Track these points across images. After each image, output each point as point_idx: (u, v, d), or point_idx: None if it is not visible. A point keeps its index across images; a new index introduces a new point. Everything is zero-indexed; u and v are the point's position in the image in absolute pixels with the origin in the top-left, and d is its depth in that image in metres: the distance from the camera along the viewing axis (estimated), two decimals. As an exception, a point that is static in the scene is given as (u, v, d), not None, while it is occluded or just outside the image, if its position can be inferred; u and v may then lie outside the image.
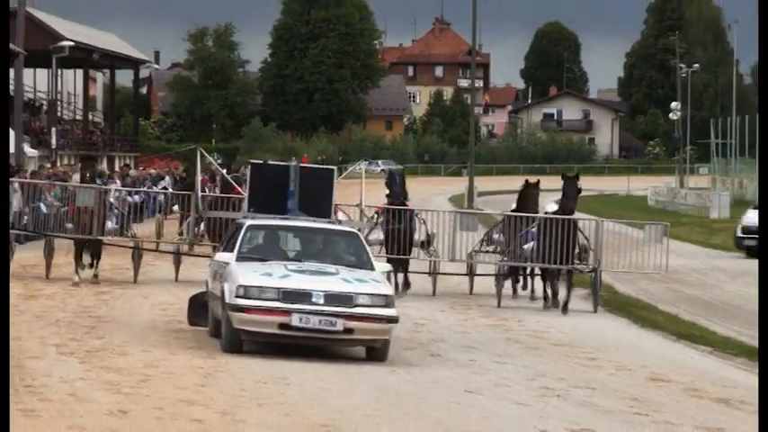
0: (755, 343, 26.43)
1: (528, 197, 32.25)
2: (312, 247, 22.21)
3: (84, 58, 77.21)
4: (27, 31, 57.17)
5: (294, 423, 14.77)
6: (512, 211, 33.40)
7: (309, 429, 14.51)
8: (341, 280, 20.18)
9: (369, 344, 20.27)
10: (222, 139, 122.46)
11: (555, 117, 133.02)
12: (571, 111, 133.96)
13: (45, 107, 74.46)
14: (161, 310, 25.83)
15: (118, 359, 18.96)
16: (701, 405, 17.80)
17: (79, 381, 16.81)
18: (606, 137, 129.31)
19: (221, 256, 21.41)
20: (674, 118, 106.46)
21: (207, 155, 31.42)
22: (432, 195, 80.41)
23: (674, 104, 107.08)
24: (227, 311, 19.70)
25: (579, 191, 31.38)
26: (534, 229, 30.78)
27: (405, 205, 32.84)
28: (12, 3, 58.49)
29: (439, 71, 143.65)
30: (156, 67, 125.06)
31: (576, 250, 30.67)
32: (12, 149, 51.24)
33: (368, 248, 22.66)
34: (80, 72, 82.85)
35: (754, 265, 36.64)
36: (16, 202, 36.63)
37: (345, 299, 19.77)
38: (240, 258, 20.80)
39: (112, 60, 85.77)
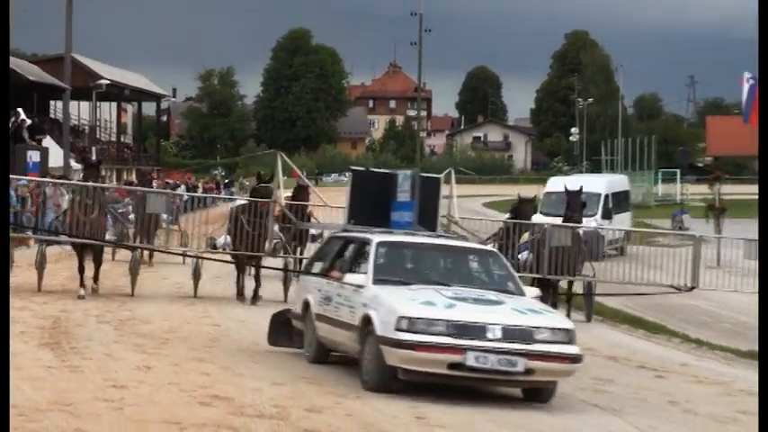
0: (637, 313, 26.33)
1: (521, 212, 26.11)
2: (454, 269, 15.57)
3: (117, 93, 76.89)
4: (72, 72, 56.80)
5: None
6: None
7: None
8: (512, 311, 13.81)
9: (545, 385, 13.91)
10: (224, 157, 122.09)
11: (482, 139, 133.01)
12: (494, 134, 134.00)
13: (87, 131, 74.09)
14: (177, 288, 25.49)
15: (143, 326, 18.84)
16: (594, 361, 17.62)
17: (113, 343, 16.73)
18: (521, 154, 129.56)
19: (352, 278, 14.60)
20: (574, 140, 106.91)
21: (287, 159, 25.48)
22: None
23: (573, 130, 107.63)
24: (379, 345, 13.38)
25: (583, 205, 26.33)
26: (525, 240, 25.10)
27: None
28: (60, 49, 58.10)
29: (392, 104, 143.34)
30: (174, 100, 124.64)
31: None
32: (61, 163, 50.77)
33: (513, 270, 16.20)
34: (114, 104, 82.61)
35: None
36: (65, 204, 36.18)
37: (525, 334, 13.42)
38: (378, 281, 14.37)
39: (140, 95, 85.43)
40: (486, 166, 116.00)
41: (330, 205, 26.68)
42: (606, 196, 43.35)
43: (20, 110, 48.02)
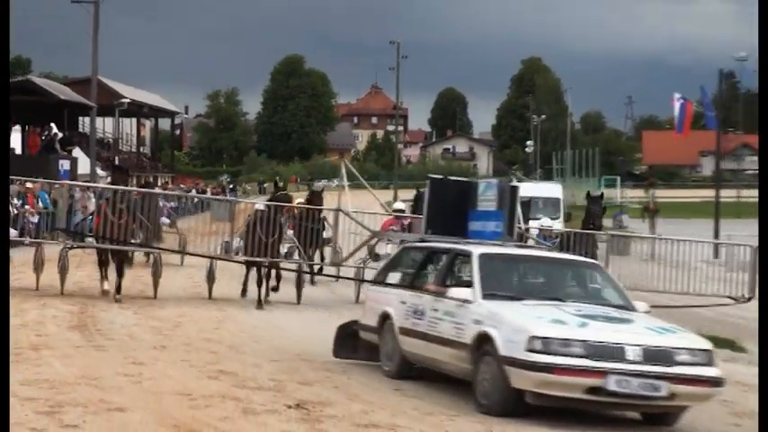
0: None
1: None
2: (560, 283, 12.87)
3: (137, 110, 76.64)
4: (98, 92, 56.71)
5: None
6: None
7: None
8: (646, 330, 11.29)
9: (680, 410, 11.40)
10: (230, 165, 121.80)
11: (450, 150, 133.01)
12: (461, 146, 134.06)
13: (110, 143, 73.83)
14: (188, 278, 25.14)
15: (160, 311, 18.74)
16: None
17: (133, 326, 16.65)
18: (484, 163, 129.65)
19: (457, 291, 12.03)
20: (529, 151, 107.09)
21: (350, 166, 23.66)
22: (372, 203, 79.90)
23: (528, 142, 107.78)
24: (503, 367, 10.92)
25: (604, 210, 23.79)
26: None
27: None
28: (87, 72, 58.00)
29: (374, 120, 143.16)
30: (186, 116, 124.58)
31: None
32: (88, 171, 50.62)
33: (618, 282, 13.50)
34: (134, 120, 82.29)
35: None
36: (92, 206, 35.99)
37: (666, 356, 10.86)
38: (487, 296, 11.82)
39: (156, 112, 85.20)
40: (455, 173, 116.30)
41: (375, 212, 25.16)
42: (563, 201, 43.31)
43: (53, 125, 48.07)
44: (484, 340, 11.30)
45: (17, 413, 9.51)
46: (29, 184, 31.39)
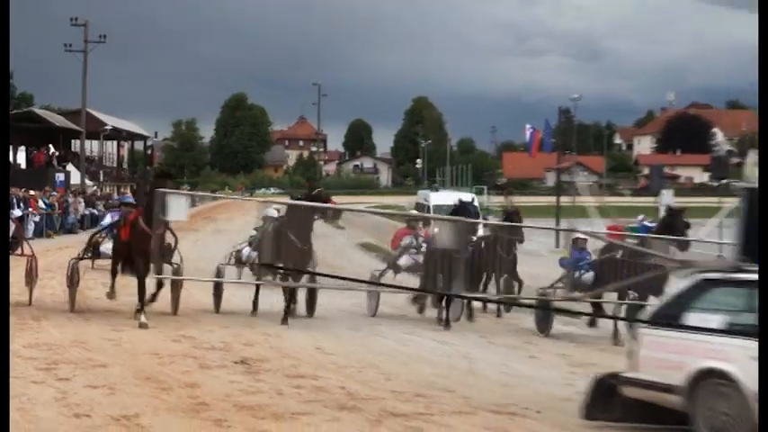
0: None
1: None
2: None
3: (117, 135, 75.20)
4: (87, 121, 55.99)
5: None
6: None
7: None
8: None
9: None
10: (190, 177, 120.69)
11: (359, 166, 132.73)
12: (367, 163, 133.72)
13: (96, 160, 72.38)
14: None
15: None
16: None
17: (118, 305, 15.52)
18: (385, 176, 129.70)
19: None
20: (419, 167, 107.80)
21: None
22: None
23: (418, 161, 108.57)
24: None
25: (687, 225, 14.51)
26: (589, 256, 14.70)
27: None
28: (78, 104, 57.09)
29: (301, 143, 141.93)
30: (156, 139, 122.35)
31: None
32: (78, 182, 49.79)
33: None
34: (115, 142, 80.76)
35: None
36: (81, 209, 35.23)
37: None
38: None
39: (132, 136, 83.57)
40: (362, 184, 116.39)
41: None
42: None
43: (50, 146, 48.07)
44: None
45: (21, 369, 9.31)
46: (31, 191, 30.87)
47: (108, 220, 16.64)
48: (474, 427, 7.69)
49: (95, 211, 35.58)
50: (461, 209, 15.38)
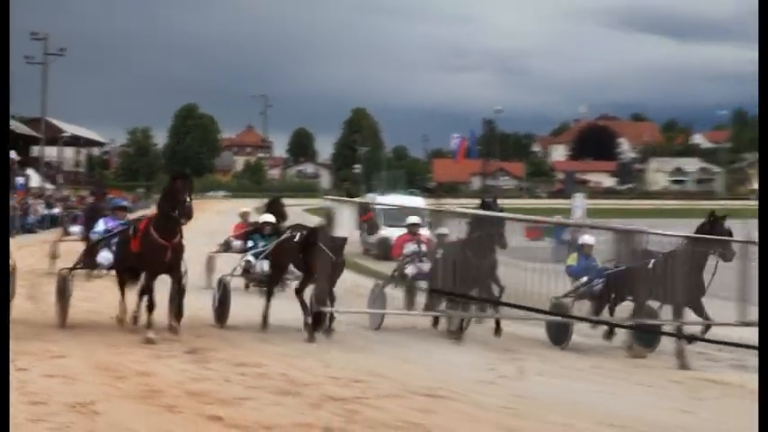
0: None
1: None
2: None
3: (75, 141, 73.83)
4: (46, 128, 54.78)
5: None
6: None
7: None
8: None
9: None
10: (144, 181, 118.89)
11: (303, 171, 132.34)
12: (310, 168, 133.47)
13: (55, 164, 70.93)
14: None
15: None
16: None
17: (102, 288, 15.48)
18: (326, 179, 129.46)
19: None
20: (357, 172, 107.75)
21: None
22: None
23: (356, 165, 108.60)
24: None
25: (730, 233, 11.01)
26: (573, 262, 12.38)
27: None
28: (39, 113, 55.89)
29: (248, 149, 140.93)
30: (113, 145, 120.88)
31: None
32: (38, 184, 48.84)
33: None
34: (74, 148, 79.18)
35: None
36: (42, 210, 34.46)
37: None
38: None
39: (90, 143, 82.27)
40: (305, 188, 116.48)
41: None
42: None
43: (12, 152, 47.42)
44: None
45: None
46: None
47: (102, 226, 13.25)
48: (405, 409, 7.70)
49: (54, 212, 34.87)
50: (488, 206, 11.78)
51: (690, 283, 10.40)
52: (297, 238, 11.94)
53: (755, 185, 79.16)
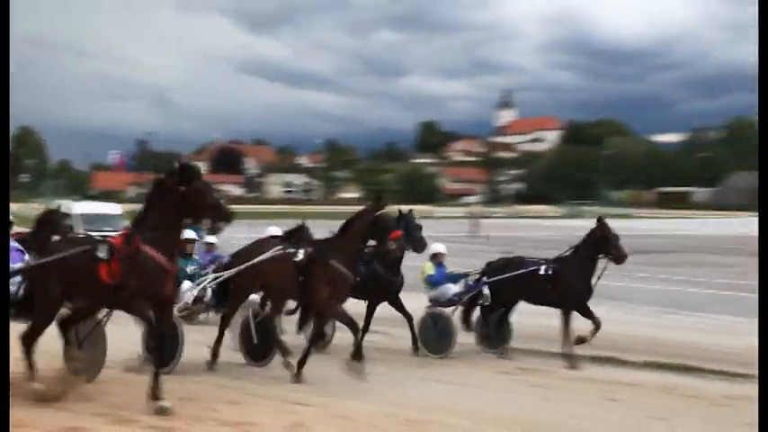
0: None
1: None
2: None
3: None
4: None
5: None
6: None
7: None
8: None
9: None
10: None
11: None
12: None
13: None
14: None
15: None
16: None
17: None
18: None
19: None
20: (25, 181, 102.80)
21: None
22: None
23: (23, 176, 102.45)
24: None
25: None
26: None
27: None
28: None
29: None
30: None
31: None
32: None
33: None
34: None
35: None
36: None
37: None
38: None
39: None
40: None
41: None
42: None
43: None
44: None
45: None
46: None
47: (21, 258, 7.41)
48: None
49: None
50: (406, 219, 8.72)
51: (581, 287, 8.70)
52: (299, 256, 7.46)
53: (342, 195, 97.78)
